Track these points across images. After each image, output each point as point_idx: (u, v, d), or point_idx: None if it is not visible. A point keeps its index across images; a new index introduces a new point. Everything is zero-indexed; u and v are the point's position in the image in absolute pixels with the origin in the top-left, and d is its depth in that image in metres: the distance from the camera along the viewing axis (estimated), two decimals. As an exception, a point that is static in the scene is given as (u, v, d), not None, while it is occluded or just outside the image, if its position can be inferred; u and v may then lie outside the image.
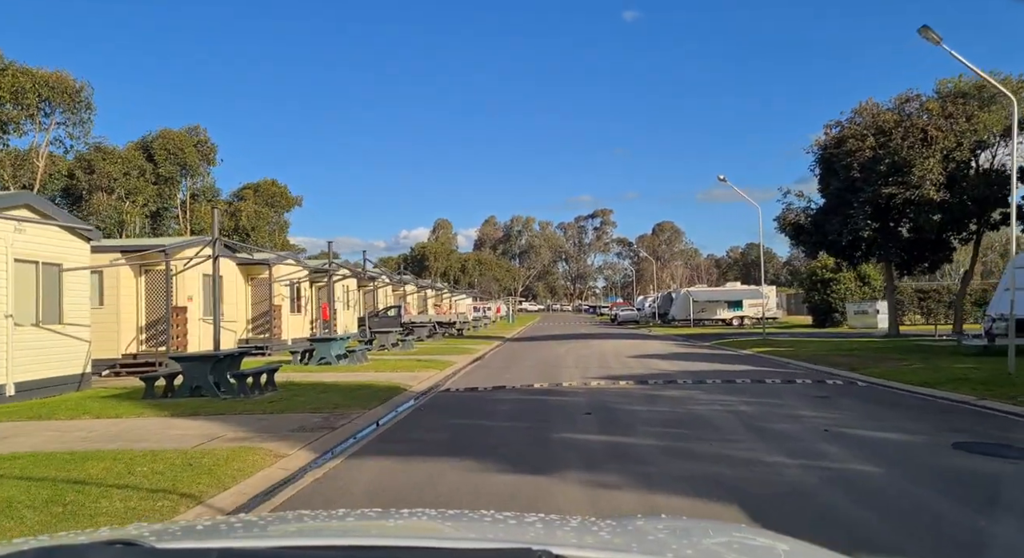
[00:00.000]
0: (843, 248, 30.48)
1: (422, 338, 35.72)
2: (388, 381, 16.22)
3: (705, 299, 55.96)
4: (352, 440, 9.43)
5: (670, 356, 23.93)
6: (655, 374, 17.20)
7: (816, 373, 16.87)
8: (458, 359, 23.85)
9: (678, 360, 21.92)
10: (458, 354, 26.32)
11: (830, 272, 46.89)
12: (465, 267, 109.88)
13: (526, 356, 25.46)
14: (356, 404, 12.32)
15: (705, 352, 26.34)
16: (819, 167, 31.23)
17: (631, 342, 33.65)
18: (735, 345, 28.97)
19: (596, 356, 24.38)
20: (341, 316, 35.59)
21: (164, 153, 42.57)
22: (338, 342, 21.21)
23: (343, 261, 35.52)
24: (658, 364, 20.43)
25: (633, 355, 24.43)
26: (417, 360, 22.37)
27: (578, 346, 30.69)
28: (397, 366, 20.30)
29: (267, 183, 57.68)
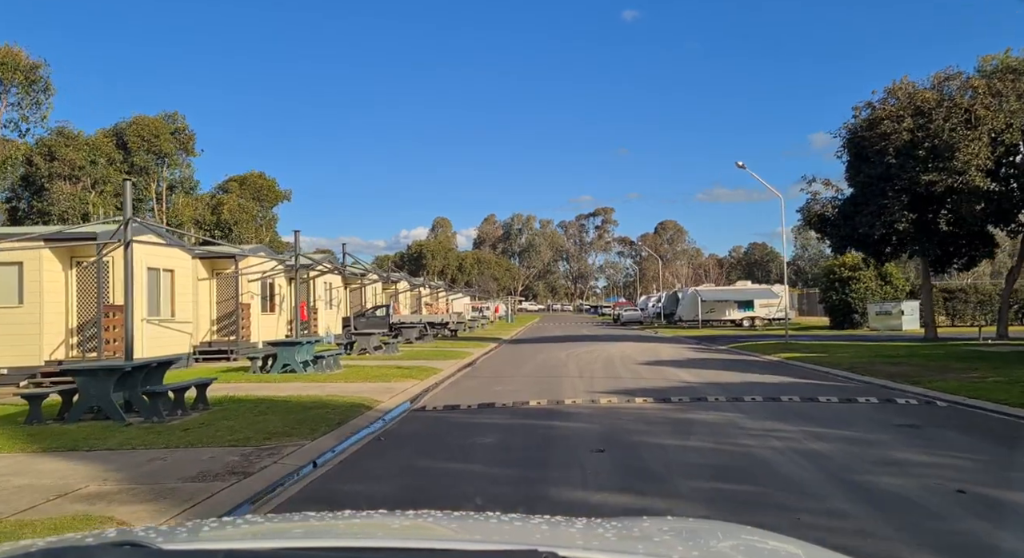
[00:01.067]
0: (874, 242, 27.55)
1: (411, 340, 32.84)
2: (354, 396, 13.34)
3: (714, 299, 53.04)
4: (264, 497, 6.54)
5: (686, 363, 21.02)
6: (676, 387, 14.29)
7: (875, 389, 13.94)
8: (445, 365, 20.95)
9: (697, 368, 19.01)
10: (447, 359, 23.43)
11: (849, 270, 43.97)
12: (463, 266, 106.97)
13: (523, 362, 22.56)
14: (299, 431, 9.43)
15: (724, 358, 23.43)
16: (848, 153, 28.31)
17: (638, 345, 30.75)
18: (755, 349, 26.06)
19: (602, 362, 21.48)
20: (323, 316, 32.72)
21: (138, 140, 39.63)
22: (305, 346, 18.31)
23: (325, 255, 32.64)
24: (675, 373, 17.52)
25: (644, 361, 21.53)
26: (397, 367, 19.48)
27: (581, 350, 27.80)
28: (372, 375, 17.41)
29: (254, 176, 54.77)
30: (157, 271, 18.72)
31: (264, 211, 56.15)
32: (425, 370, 18.95)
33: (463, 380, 17.33)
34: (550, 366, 20.42)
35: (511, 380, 16.72)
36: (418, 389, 15.21)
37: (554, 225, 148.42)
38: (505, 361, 23.40)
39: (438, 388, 15.69)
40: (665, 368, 18.94)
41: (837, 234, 27.86)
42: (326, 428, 9.78)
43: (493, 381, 16.70)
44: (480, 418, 11.02)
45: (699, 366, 19.73)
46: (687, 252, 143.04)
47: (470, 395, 14.00)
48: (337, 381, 16.42)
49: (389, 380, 16.57)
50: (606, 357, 23.62)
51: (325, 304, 33.58)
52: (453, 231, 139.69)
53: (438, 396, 14.12)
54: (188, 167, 44.38)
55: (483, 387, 15.42)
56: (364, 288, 40.73)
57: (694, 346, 30.23)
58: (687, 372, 17.70)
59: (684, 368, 18.87)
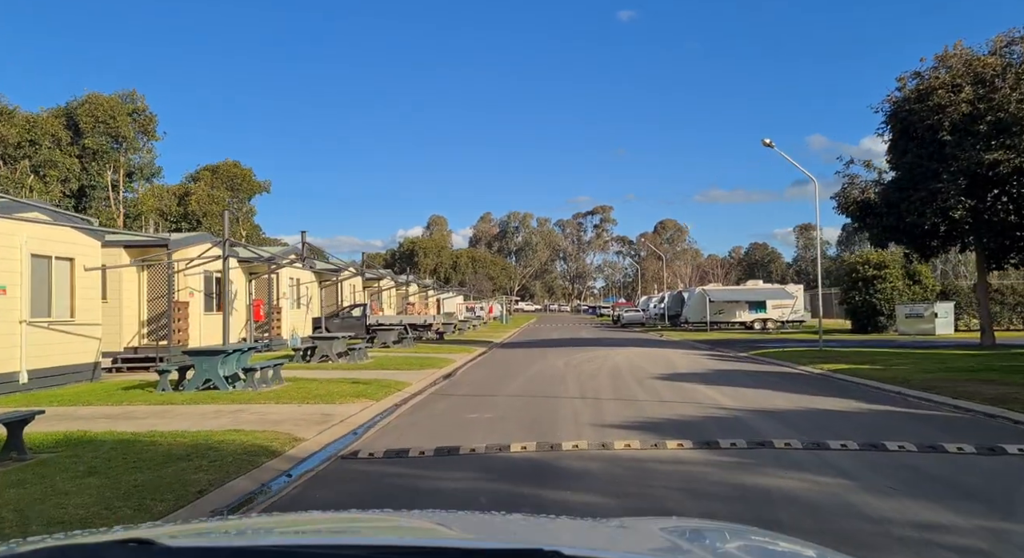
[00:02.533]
0: (922, 234, 23.69)
1: (387, 344, 28.94)
2: (267, 431, 9.49)
3: (723, 299, 49.18)
4: None
5: (712, 376, 17.15)
6: (715, 418, 10.42)
7: (997, 423, 10.07)
8: (416, 378, 17.08)
9: (727, 384, 15.14)
10: (422, 369, 19.56)
11: (874, 269, 40.13)
12: (457, 264, 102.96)
13: (512, 373, 18.68)
14: (103, 519, 5.54)
15: (753, 369, 19.56)
16: (890, 130, 24.44)
17: (646, 352, 26.87)
18: (785, 358, 22.19)
19: (608, 375, 17.61)
20: (288, 316, 28.80)
21: (91, 121, 35.62)
22: (233, 356, 14.40)
23: (287, 248, 28.68)
24: (704, 392, 13.64)
25: (658, 374, 17.65)
26: (355, 381, 15.59)
27: (581, 357, 23.92)
28: (315, 393, 13.53)
29: (227, 165, 50.73)
30: (47, 260, 14.78)
31: (239, 203, 52.19)
32: (387, 385, 15.08)
33: (431, 401, 13.43)
34: (544, 381, 16.53)
35: (492, 403, 12.82)
36: (365, 416, 11.32)
37: (551, 224, 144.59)
38: (491, 372, 19.51)
39: (393, 415, 11.79)
40: (688, 385, 15.05)
41: (879, 224, 23.97)
42: (164, 507, 5.88)
43: (469, 404, 12.80)
44: (431, 480, 7.13)
45: (729, 381, 15.85)
46: (687, 252, 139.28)
47: (431, 429, 10.11)
48: (265, 402, 12.53)
49: (334, 401, 12.69)
50: (612, 367, 19.75)
51: (291, 303, 29.67)
52: (448, 229, 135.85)
53: (387, 431, 10.21)
54: (149, 152, 40.40)
55: (452, 415, 11.52)
56: (340, 285, 36.81)
57: (710, 353, 26.36)
58: (718, 391, 13.81)
59: (712, 385, 14.99)
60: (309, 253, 30.96)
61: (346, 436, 9.81)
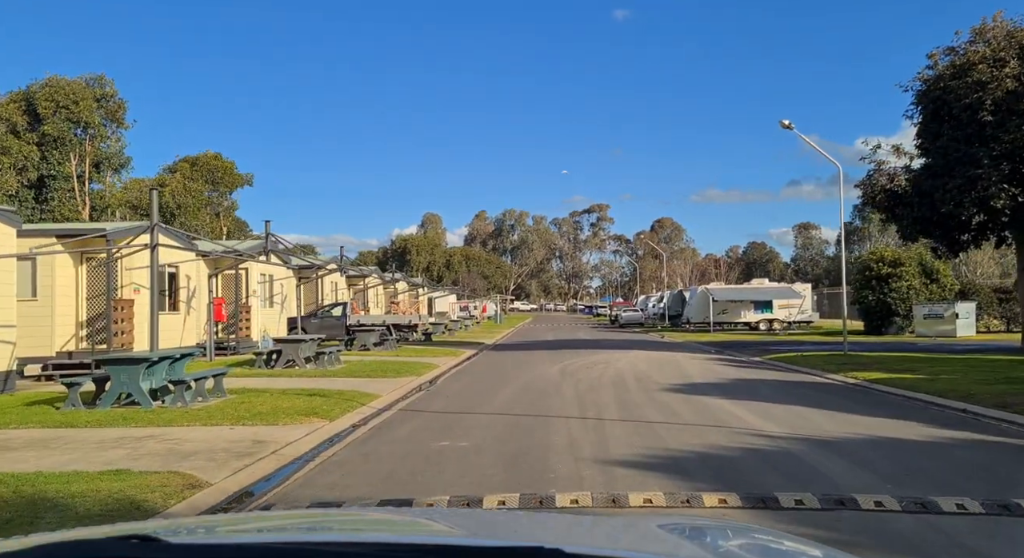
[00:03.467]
0: (960, 225, 21.33)
1: (367, 347, 26.51)
2: (167, 470, 7.08)
3: (727, 299, 46.77)
4: None
5: (732, 388, 14.75)
6: (756, 450, 8.03)
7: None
8: (389, 388, 14.68)
9: (756, 398, 12.75)
10: (399, 376, 17.17)
11: (889, 266, 37.80)
12: (450, 262, 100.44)
13: (499, 383, 16.27)
14: None
15: (777, 378, 17.16)
16: (920, 112, 22.07)
17: (650, 355, 24.48)
18: (806, 364, 19.82)
19: (610, 385, 15.20)
20: (259, 316, 26.32)
21: (51, 105, 33.03)
22: (161, 365, 11.96)
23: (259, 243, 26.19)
24: (732, 411, 11.24)
25: (670, 384, 15.25)
26: (312, 394, 13.17)
27: (579, 362, 21.52)
28: (255, 411, 11.12)
29: (208, 156, 48.13)
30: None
31: (220, 197, 49.73)
32: (351, 398, 12.67)
33: (397, 421, 10.99)
34: (536, 393, 14.11)
35: (471, 424, 10.39)
36: (307, 444, 8.90)
37: (547, 222, 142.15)
38: (476, 381, 17.10)
39: (344, 442, 9.36)
40: (708, 399, 12.64)
41: (910, 215, 21.56)
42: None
43: (442, 425, 10.37)
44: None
45: (754, 394, 13.45)
46: (685, 251, 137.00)
47: (385, 467, 7.70)
48: (189, 423, 10.11)
49: (277, 421, 10.30)
50: (614, 375, 17.34)
51: (263, 301, 27.21)
52: (443, 228, 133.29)
53: (327, 469, 7.78)
54: (118, 141, 37.79)
55: (418, 442, 9.09)
56: (320, 283, 34.34)
57: (721, 357, 23.97)
58: (747, 409, 11.41)
59: (737, 399, 12.57)
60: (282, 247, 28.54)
61: (271, 477, 7.39)
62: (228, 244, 24.38)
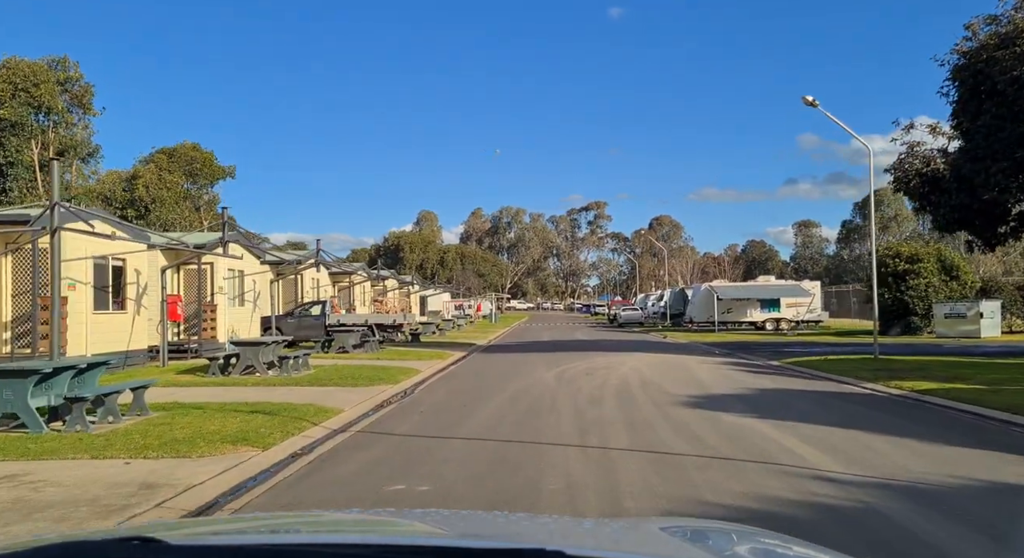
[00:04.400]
0: (1001, 214, 19.08)
1: (346, 349, 24.20)
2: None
3: (732, 297, 44.51)
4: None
5: (760, 401, 12.47)
6: (832, 509, 5.76)
7: None
8: (355, 401, 12.40)
9: (794, 418, 10.47)
10: (370, 385, 14.92)
11: (906, 262, 35.58)
12: (445, 260, 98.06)
13: (486, 393, 13.97)
14: None
15: (804, 387, 14.88)
16: (957, 88, 19.81)
17: (656, 359, 22.21)
18: (833, 369, 17.56)
19: (615, 397, 12.91)
20: (225, 315, 23.96)
21: (8, 88, 30.53)
22: (60, 378, 9.62)
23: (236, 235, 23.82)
24: (771, 436, 8.96)
25: (685, 397, 12.97)
26: (254, 411, 10.88)
27: (578, 366, 19.25)
28: (170, 437, 8.83)
29: (185, 147, 45.67)
30: None
31: (200, 190, 47.33)
32: (303, 416, 10.40)
33: (348, 450, 8.68)
34: (527, 408, 11.82)
35: (440, 455, 8.07)
36: (216, 488, 6.64)
37: (544, 220, 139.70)
38: (459, 390, 14.80)
39: (269, 483, 7.06)
40: (737, 419, 10.35)
41: (948, 203, 19.26)
42: None
43: (403, 456, 8.06)
44: None
45: (789, 410, 11.17)
46: (683, 249, 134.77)
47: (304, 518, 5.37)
48: (75, 455, 7.85)
49: (192, 452, 8.01)
50: (619, 383, 15.05)
51: (232, 299, 24.88)
52: (438, 225, 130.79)
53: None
54: (85, 128, 35.40)
55: (365, 485, 6.79)
56: (299, 280, 32.03)
57: (733, 361, 21.69)
58: (790, 434, 9.12)
59: (772, 419, 10.28)
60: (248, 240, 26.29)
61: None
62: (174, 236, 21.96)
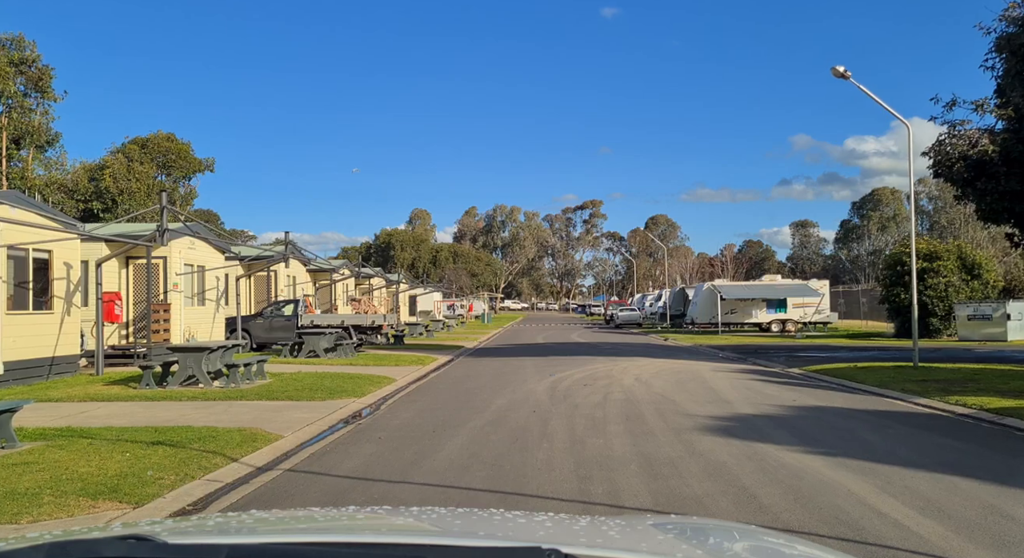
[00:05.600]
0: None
1: (317, 353, 21.74)
2: None
3: (736, 297, 42.16)
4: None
5: (804, 424, 10.06)
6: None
7: None
8: (301, 423, 9.99)
9: (863, 455, 8.08)
10: (328, 399, 12.55)
11: (924, 260, 33.22)
12: (437, 259, 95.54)
13: (464, 412, 11.54)
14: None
15: (850, 405, 12.47)
16: (1004, 58, 17.44)
17: (661, 365, 19.81)
18: (868, 379, 15.19)
19: (621, 419, 10.50)
20: (182, 315, 21.49)
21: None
22: None
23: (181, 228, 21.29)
24: (845, 485, 6.57)
25: (707, 418, 10.57)
26: (161, 439, 8.45)
27: (574, 375, 16.84)
28: (20, 489, 6.36)
29: (159, 138, 43.16)
30: None
31: (175, 183, 44.73)
32: (218, 450, 7.99)
33: (256, 505, 6.22)
34: (509, 438, 9.38)
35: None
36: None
37: (539, 218, 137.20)
38: (431, 407, 12.34)
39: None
40: (785, 455, 7.94)
41: (996, 189, 16.88)
42: None
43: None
44: None
45: (850, 444, 8.77)
46: (680, 249, 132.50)
47: None
48: None
49: (25, 514, 5.54)
50: (623, 399, 12.63)
51: (191, 298, 22.40)
52: (432, 224, 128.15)
53: None
54: (45, 114, 32.84)
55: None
56: (274, 277, 29.56)
57: (749, 368, 19.31)
58: (863, 480, 6.73)
59: (830, 456, 7.88)
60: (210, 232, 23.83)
61: None
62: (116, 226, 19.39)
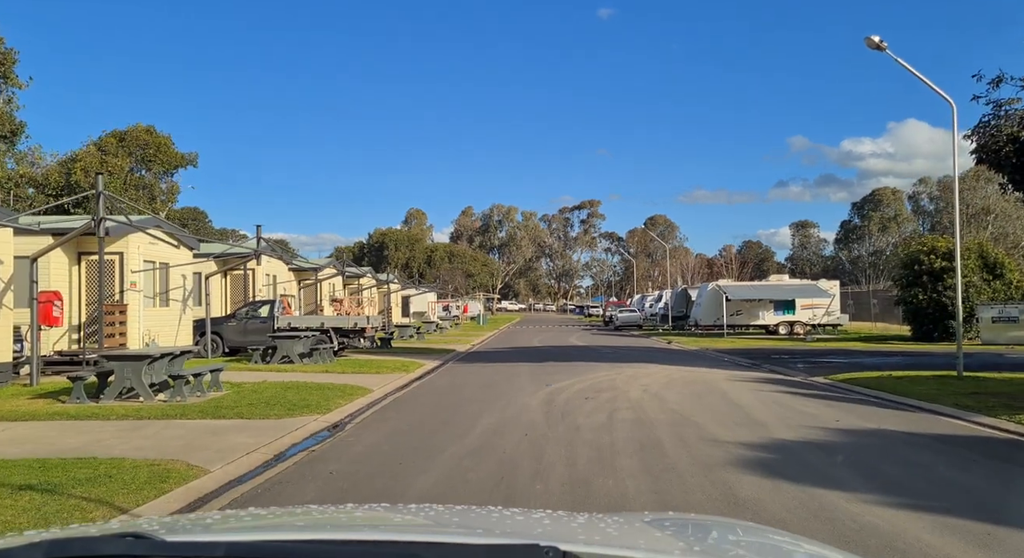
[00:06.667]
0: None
1: (291, 358, 19.74)
2: None
3: (743, 298, 40.19)
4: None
5: (864, 455, 8.10)
6: None
7: None
8: (240, 451, 8.03)
9: (975, 516, 6.12)
10: (288, 417, 10.64)
11: (943, 259, 31.35)
12: (432, 259, 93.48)
13: (441, 435, 9.55)
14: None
15: (908, 427, 10.50)
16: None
17: (671, 372, 17.83)
18: (911, 392, 13.24)
19: (632, 445, 8.53)
20: (141, 317, 19.47)
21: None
22: None
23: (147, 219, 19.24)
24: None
25: (741, 448, 8.60)
26: (41, 480, 6.44)
27: (574, 385, 14.85)
28: None
29: (138, 130, 41.12)
30: None
31: (153, 177, 42.68)
32: (110, 495, 6.05)
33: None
34: (495, 470, 7.39)
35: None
36: None
37: (537, 218, 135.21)
38: (402, 431, 10.34)
39: None
40: (862, 509, 5.97)
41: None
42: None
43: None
44: None
45: (946, 490, 6.83)
46: (679, 250, 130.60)
47: None
48: None
49: None
50: (634, 418, 10.66)
51: (152, 298, 20.39)
52: (428, 224, 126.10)
53: None
54: (8, 102, 30.74)
55: None
56: (250, 276, 27.56)
57: (769, 377, 17.35)
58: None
59: (928, 512, 5.90)
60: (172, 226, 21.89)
61: None
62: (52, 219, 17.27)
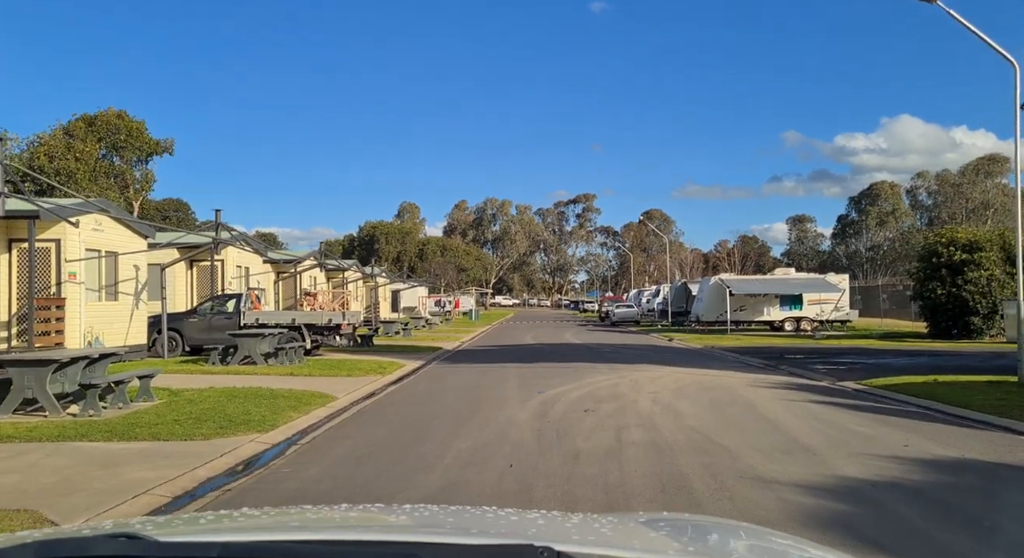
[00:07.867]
0: None
1: (252, 359, 17.57)
2: None
3: (747, 292, 38.14)
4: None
5: (980, 515, 6.00)
6: None
7: None
8: (137, 487, 5.76)
9: None
10: (221, 436, 8.52)
11: (963, 251, 29.31)
12: (424, 252, 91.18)
13: (406, 464, 7.41)
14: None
15: (1004, 457, 8.42)
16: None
17: (679, 376, 15.72)
18: (971, 403, 11.18)
19: (652, 489, 6.42)
20: (84, 313, 17.28)
21: None
22: None
23: (82, 202, 17.01)
24: None
25: (800, 496, 6.47)
26: None
27: (570, 392, 12.73)
28: None
29: (110, 115, 38.74)
30: None
31: (126, 164, 40.27)
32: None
33: None
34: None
35: None
36: None
37: (531, 212, 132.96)
38: (359, 457, 8.17)
39: None
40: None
41: None
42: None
43: None
44: None
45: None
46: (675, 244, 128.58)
47: None
48: None
49: None
50: (646, 440, 8.54)
51: (97, 291, 18.19)
52: (421, 218, 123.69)
53: None
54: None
55: None
56: (219, 268, 25.31)
57: (793, 383, 15.24)
58: None
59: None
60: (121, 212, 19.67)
61: None
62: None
